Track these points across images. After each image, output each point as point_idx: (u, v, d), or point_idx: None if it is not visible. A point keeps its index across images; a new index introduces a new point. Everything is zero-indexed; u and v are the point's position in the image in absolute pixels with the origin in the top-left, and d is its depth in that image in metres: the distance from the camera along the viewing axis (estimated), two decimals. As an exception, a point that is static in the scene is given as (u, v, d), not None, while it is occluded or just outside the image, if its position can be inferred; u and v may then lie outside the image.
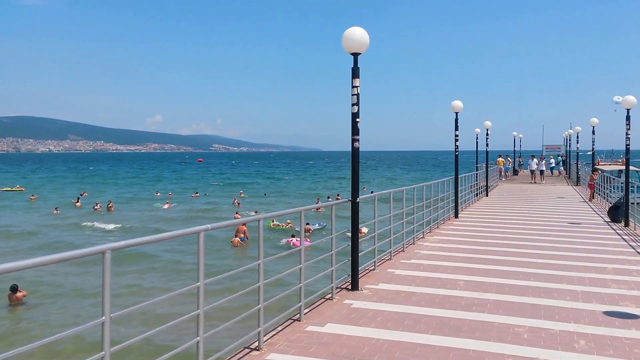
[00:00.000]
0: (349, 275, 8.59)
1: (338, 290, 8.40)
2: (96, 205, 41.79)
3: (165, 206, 42.69)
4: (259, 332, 5.89)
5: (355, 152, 8.37)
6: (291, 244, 24.33)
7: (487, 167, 27.96)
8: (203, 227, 5.00)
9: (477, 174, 26.87)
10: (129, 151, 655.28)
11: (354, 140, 8.34)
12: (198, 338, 4.92)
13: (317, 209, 34.83)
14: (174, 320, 4.78)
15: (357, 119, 8.31)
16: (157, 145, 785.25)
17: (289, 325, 6.71)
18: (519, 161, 52.18)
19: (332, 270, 8.00)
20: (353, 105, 8.27)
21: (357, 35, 8.11)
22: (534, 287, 8.69)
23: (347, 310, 7.39)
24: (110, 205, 41.69)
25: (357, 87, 8.25)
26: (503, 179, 39.88)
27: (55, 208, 40.48)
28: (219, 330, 5.41)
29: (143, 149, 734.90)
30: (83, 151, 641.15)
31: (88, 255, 3.86)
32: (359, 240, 8.64)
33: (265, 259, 6.03)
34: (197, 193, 54.76)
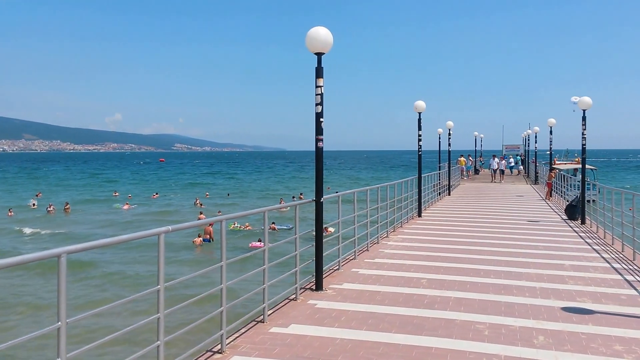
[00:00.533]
0: (313, 276, 8.58)
1: (302, 290, 8.38)
2: (49, 207, 40.11)
3: (125, 207, 41.80)
4: (221, 335, 5.82)
5: (319, 151, 8.37)
6: (254, 245, 24.16)
7: (449, 167, 28.39)
8: (163, 228, 4.91)
9: (439, 173, 27.23)
10: (87, 151, 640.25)
11: (317, 140, 8.34)
12: (158, 342, 4.82)
13: (280, 210, 34.74)
14: (134, 324, 4.68)
15: (321, 119, 8.30)
16: (116, 144, 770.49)
17: (252, 327, 6.66)
18: (480, 161, 53.16)
19: (296, 271, 7.97)
20: (317, 105, 8.26)
21: (321, 35, 8.10)
22: (495, 284, 8.85)
23: (311, 310, 7.38)
24: (67, 207, 40.56)
25: (321, 86, 8.24)
26: (465, 178, 40.54)
27: (9, 210, 39.19)
28: (180, 334, 5.32)
29: (102, 148, 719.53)
30: (39, 151, 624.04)
31: (42, 259, 3.74)
32: (325, 239, 8.64)
33: (228, 260, 5.97)
34: (157, 194, 53.55)
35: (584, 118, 16.94)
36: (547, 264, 10.52)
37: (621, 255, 11.44)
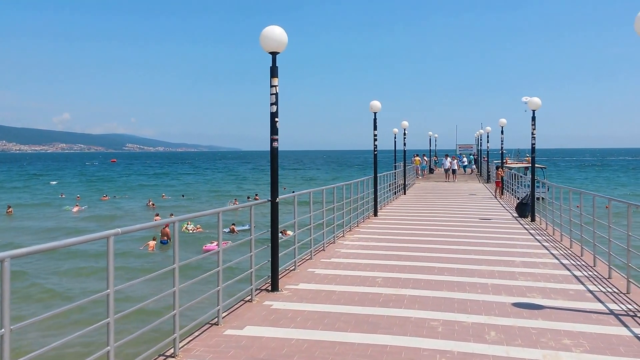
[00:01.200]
0: (269, 277, 8.52)
1: (258, 292, 8.31)
2: None
3: (75, 209, 40.56)
4: (174, 339, 5.71)
5: (274, 151, 8.33)
6: (207, 248, 23.82)
7: (404, 166, 28.73)
8: (113, 231, 4.77)
9: (395, 172, 27.54)
10: (34, 151, 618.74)
11: (272, 140, 8.30)
12: (108, 347, 4.69)
13: (235, 210, 34.40)
14: (83, 329, 4.54)
15: (276, 119, 8.26)
16: (64, 145, 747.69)
17: (206, 330, 6.55)
18: (435, 160, 54.04)
19: (251, 272, 7.90)
20: (272, 104, 8.22)
21: (276, 34, 8.07)
22: (448, 282, 8.99)
23: (266, 311, 7.32)
24: (10, 210, 38.94)
25: (275, 86, 8.21)
26: (420, 177, 41.14)
27: None
28: (131, 339, 5.18)
29: (49, 148, 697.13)
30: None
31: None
32: (283, 240, 8.60)
33: (181, 262, 5.86)
34: (106, 196, 51.96)
35: (533, 118, 17.42)
36: (498, 260, 10.76)
37: (569, 252, 11.81)
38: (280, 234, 10.43)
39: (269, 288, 8.41)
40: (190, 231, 28.11)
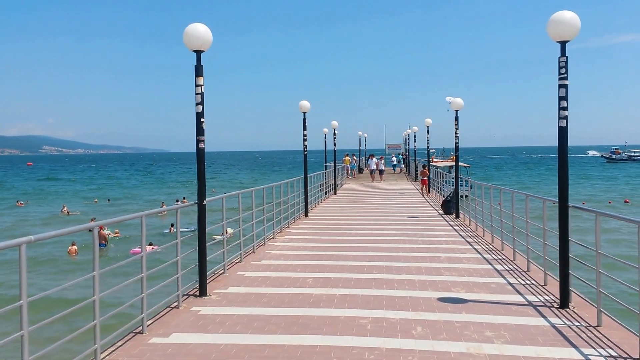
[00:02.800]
0: (196, 281, 8.34)
1: (185, 297, 8.12)
2: None
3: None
4: (95, 350, 5.47)
5: (200, 153, 8.18)
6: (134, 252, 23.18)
7: (335, 166, 28.98)
8: (25, 238, 4.52)
9: (325, 172, 27.73)
10: None
11: (199, 141, 8.16)
12: (23, 362, 4.43)
13: (161, 214, 33.56)
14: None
15: (202, 119, 8.12)
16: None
17: (130, 338, 6.33)
18: (365, 160, 54.85)
19: (178, 277, 7.70)
20: (197, 104, 8.08)
21: (200, 31, 7.93)
22: (377, 279, 9.13)
23: (194, 317, 7.16)
24: None
25: (201, 85, 8.07)
26: (350, 177, 41.64)
27: None
28: (49, 351, 4.93)
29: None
30: None
31: None
32: (209, 244, 8.45)
33: (101, 269, 5.63)
34: (20, 202, 48.96)
35: (456, 118, 18.01)
36: (425, 257, 11.04)
37: (491, 247, 12.28)
38: (223, 235, 10.25)
39: (197, 293, 8.24)
40: (109, 236, 27.09)
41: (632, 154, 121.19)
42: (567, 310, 7.29)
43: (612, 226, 26.30)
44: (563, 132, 7.39)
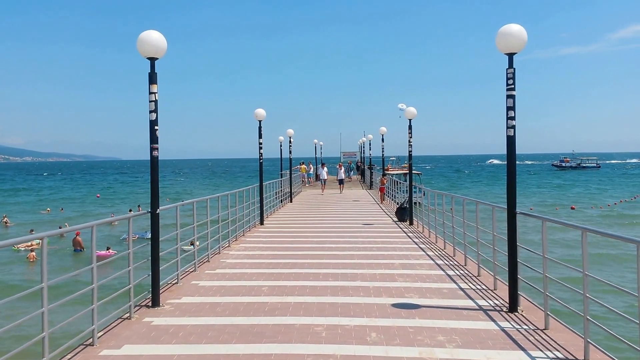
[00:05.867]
0: (149, 292, 8.20)
1: (137, 308, 7.96)
2: None
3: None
4: (43, 363, 5.32)
5: (154, 161, 8.08)
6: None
7: (290, 174, 28.98)
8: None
9: (281, 180, 27.70)
10: None
11: (152, 149, 8.05)
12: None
13: (112, 223, 32.79)
14: None
15: (156, 127, 8.03)
16: None
17: (80, 351, 6.17)
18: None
19: (130, 288, 7.55)
20: (151, 112, 7.99)
21: (153, 38, 7.85)
22: (332, 287, 9.18)
23: (146, 328, 7.04)
24: None
25: (155, 93, 7.99)
26: (306, 185, 41.69)
27: None
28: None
29: None
30: None
31: None
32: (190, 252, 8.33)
33: (50, 281, 5.49)
34: None
35: (410, 127, 18.31)
36: (379, 263, 11.17)
37: (444, 252, 12.52)
38: (190, 245, 10.06)
39: (150, 304, 8.09)
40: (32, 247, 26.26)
41: (581, 162, 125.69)
42: (516, 314, 7.51)
43: (572, 235, 27.16)
44: (511, 141, 7.63)
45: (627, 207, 45.64)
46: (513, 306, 7.64)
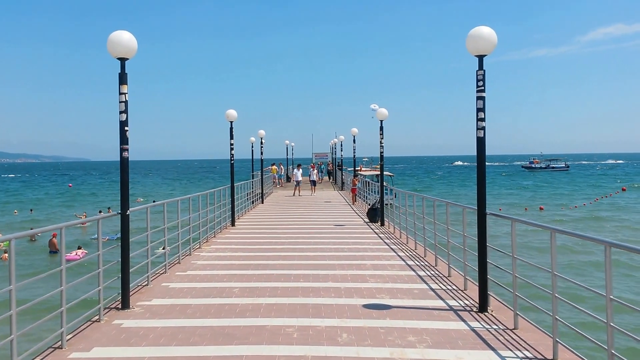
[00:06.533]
0: (119, 294, 8.10)
1: (107, 310, 7.86)
2: None
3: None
4: (10, 368, 5.21)
5: (124, 162, 7.99)
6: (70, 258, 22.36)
7: (262, 175, 28.89)
8: None
9: (253, 181, 27.60)
10: None
11: (122, 150, 7.96)
12: None
13: (83, 224, 32.26)
14: None
15: (126, 128, 7.94)
16: None
17: (49, 354, 6.07)
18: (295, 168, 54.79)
19: (99, 290, 7.45)
20: (121, 113, 7.91)
21: (124, 39, 7.79)
22: (304, 288, 9.19)
23: (116, 331, 6.95)
24: None
25: (125, 94, 7.91)
26: (278, 186, 41.60)
27: None
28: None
29: None
30: None
31: None
32: (149, 251, 8.23)
33: (19, 282, 5.38)
34: None
35: (381, 128, 18.45)
36: (351, 264, 11.22)
37: (414, 253, 12.64)
38: (162, 249, 9.97)
39: (120, 306, 8.00)
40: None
41: (550, 163, 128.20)
42: (486, 314, 7.63)
43: (546, 236, 27.69)
44: (481, 142, 7.75)
45: (592, 208, 46.67)
46: (483, 306, 7.75)
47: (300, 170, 34.46)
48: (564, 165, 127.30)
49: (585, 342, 5.78)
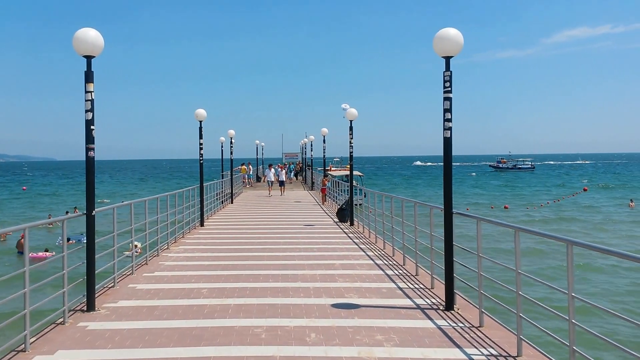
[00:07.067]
0: (84, 296, 7.96)
1: (72, 313, 7.72)
2: None
3: None
4: (-31, 372, 5.08)
5: (90, 161, 7.88)
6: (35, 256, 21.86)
7: (231, 175, 28.72)
8: None
9: (222, 181, 27.42)
10: None
11: (88, 149, 7.84)
12: None
13: (50, 224, 31.63)
14: None
15: (92, 127, 7.83)
16: None
17: (11, 357, 5.94)
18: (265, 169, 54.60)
19: (64, 292, 7.31)
20: (87, 111, 7.80)
21: (90, 36, 7.69)
22: (273, 288, 9.19)
23: (81, 333, 6.83)
24: None
25: (91, 92, 7.81)
26: (247, 186, 41.41)
27: None
28: None
29: None
30: None
31: None
32: (115, 252, 8.11)
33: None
34: None
35: (351, 128, 18.55)
36: (320, 264, 11.25)
37: (383, 252, 12.75)
38: (129, 251, 9.83)
39: (85, 308, 7.86)
40: None
41: (517, 163, 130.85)
42: (452, 312, 7.74)
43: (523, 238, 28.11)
44: (448, 143, 7.85)
45: (554, 207, 47.72)
46: (449, 304, 7.87)
47: (273, 170, 34.12)
48: (529, 165, 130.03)
49: (548, 338, 5.90)
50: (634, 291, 18.32)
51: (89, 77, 7.78)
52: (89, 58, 7.76)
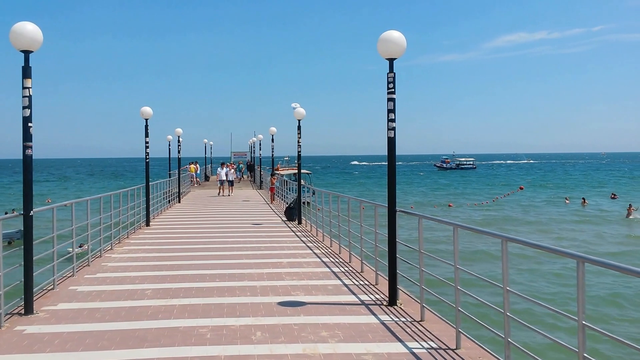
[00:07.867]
0: (22, 299, 7.71)
1: (9, 316, 7.47)
2: None
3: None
4: None
5: (27, 160, 7.63)
6: None
7: (179, 174, 28.32)
8: None
9: (169, 180, 27.01)
10: None
11: (26, 147, 7.60)
12: None
13: None
14: None
15: (30, 124, 7.58)
16: None
17: (-60, 366, 5.70)
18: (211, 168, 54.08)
19: (0, 294, 7.07)
20: (24, 108, 7.55)
21: (28, 30, 7.45)
22: (219, 287, 9.14)
23: (18, 337, 6.63)
24: None
25: (29, 88, 7.58)
26: (195, 185, 40.90)
27: None
28: None
29: None
30: None
31: None
32: (55, 253, 7.85)
33: None
34: None
35: (299, 127, 18.60)
36: (267, 263, 11.27)
37: (330, 250, 12.87)
38: (79, 248, 9.49)
39: (22, 311, 7.62)
40: None
41: (460, 163, 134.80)
42: (395, 307, 7.92)
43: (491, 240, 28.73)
44: (392, 142, 8.01)
45: (494, 205, 49.26)
46: (392, 300, 8.04)
47: (225, 169, 33.23)
48: (471, 164, 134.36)
49: (485, 331, 6.11)
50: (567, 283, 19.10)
51: (26, 72, 7.54)
52: (26, 53, 7.52)
